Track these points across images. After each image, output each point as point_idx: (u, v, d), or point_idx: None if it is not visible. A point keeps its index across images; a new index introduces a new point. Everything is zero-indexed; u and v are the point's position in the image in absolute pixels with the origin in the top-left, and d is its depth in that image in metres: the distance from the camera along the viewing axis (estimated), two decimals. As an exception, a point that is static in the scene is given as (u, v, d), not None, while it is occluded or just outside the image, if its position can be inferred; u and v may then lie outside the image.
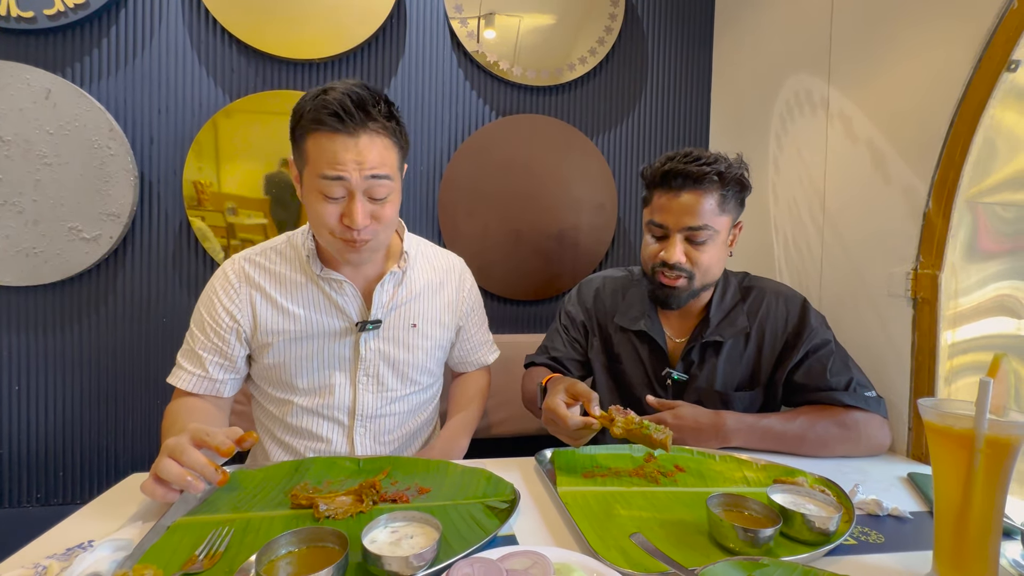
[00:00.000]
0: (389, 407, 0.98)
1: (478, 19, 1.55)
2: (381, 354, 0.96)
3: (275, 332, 0.93)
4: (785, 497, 0.67)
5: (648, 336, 1.05)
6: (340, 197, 0.83)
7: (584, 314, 1.14)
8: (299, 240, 0.96)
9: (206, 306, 0.93)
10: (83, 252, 1.37)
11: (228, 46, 1.45)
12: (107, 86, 1.40)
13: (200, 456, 0.66)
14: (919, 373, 0.98)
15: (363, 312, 0.95)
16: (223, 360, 0.92)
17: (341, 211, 0.83)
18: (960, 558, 0.55)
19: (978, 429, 0.52)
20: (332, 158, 0.80)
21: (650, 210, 1.00)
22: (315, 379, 0.95)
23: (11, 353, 1.39)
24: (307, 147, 0.83)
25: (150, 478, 0.65)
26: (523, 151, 1.60)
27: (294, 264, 0.95)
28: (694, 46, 1.71)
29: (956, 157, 0.92)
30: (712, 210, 0.94)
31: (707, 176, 0.93)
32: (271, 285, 0.93)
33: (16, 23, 1.32)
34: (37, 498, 1.42)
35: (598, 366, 1.11)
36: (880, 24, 1.08)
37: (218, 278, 0.95)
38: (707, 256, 0.96)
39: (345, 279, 0.93)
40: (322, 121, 0.80)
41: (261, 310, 0.93)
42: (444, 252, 1.10)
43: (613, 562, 0.56)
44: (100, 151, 1.36)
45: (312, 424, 0.96)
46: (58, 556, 0.55)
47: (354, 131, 0.81)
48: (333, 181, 0.81)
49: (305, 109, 0.82)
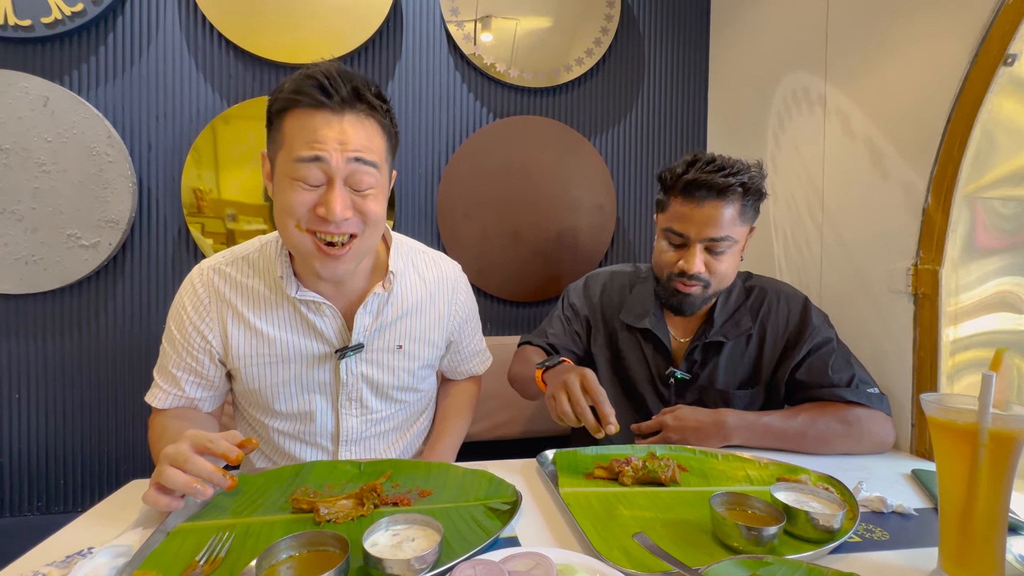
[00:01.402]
0: (373, 428, 0.92)
1: (475, 22, 1.56)
2: (364, 378, 0.88)
3: (248, 355, 0.84)
4: (789, 495, 0.67)
5: (652, 335, 1.05)
6: (317, 185, 0.72)
7: (589, 308, 1.13)
8: (273, 251, 0.85)
9: (176, 322, 0.85)
10: (82, 259, 1.37)
11: (225, 51, 1.45)
12: (105, 93, 1.40)
13: (206, 463, 0.63)
14: (921, 369, 0.97)
15: (343, 335, 0.86)
16: (198, 379, 0.86)
17: (317, 200, 0.72)
18: (966, 554, 0.55)
19: (981, 423, 0.51)
20: (311, 136, 0.69)
21: (668, 217, 0.97)
22: (294, 404, 0.88)
23: (11, 361, 1.39)
24: (283, 126, 0.72)
25: (152, 487, 0.63)
26: (521, 152, 1.60)
27: (267, 277, 0.84)
28: (690, 46, 1.72)
29: (954, 152, 0.92)
30: (733, 220, 0.93)
31: (731, 187, 0.91)
32: (242, 302, 0.84)
33: (14, 31, 1.32)
34: (38, 507, 1.41)
35: (602, 360, 1.11)
36: (876, 20, 1.08)
37: (186, 291, 0.86)
38: (724, 265, 0.96)
39: (324, 300, 0.83)
40: (303, 92, 0.69)
41: (232, 331, 0.84)
42: (437, 260, 0.99)
43: (616, 562, 0.55)
44: (98, 158, 1.36)
45: (295, 449, 0.90)
46: (57, 563, 0.55)
47: (339, 108, 0.71)
48: (310, 163, 0.70)
49: (284, 88, 0.72)
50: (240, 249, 0.89)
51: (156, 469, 0.64)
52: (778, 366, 1.01)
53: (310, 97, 0.70)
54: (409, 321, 0.92)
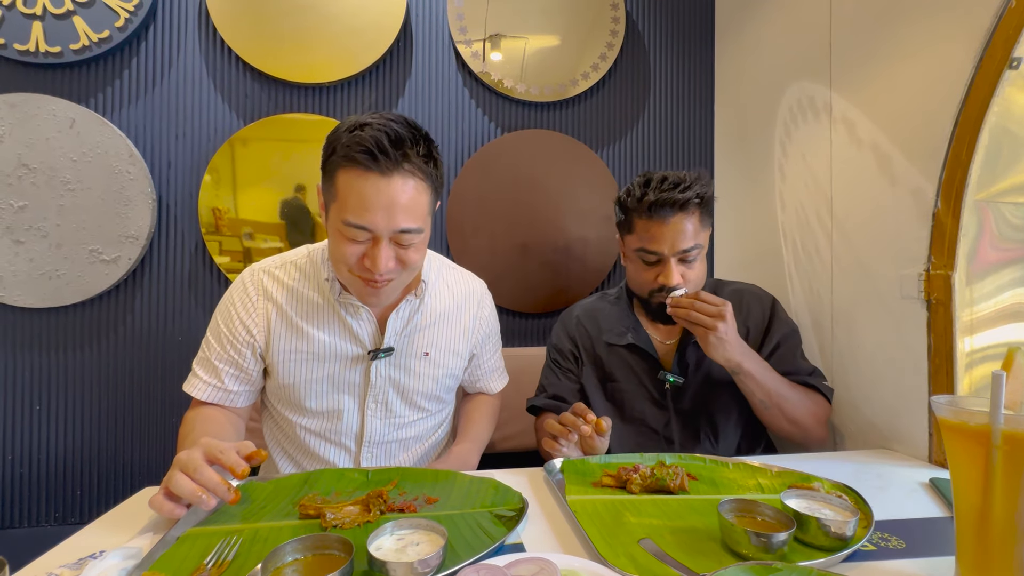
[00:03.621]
0: (396, 432, 0.97)
1: (483, 41, 1.59)
2: (391, 381, 0.94)
3: (287, 351, 0.91)
4: (800, 502, 0.65)
5: (637, 348, 1.09)
6: (364, 240, 0.79)
7: (570, 342, 1.16)
8: (319, 257, 0.93)
9: (223, 316, 0.92)
10: (103, 274, 1.41)
11: (242, 73, 1.51)
12: (128, 114, 1.46)
13: (213, 474, 0.65)
14: (936, 376, 0.95)
15: (376, 338, 0.93)
16: (238, 372, 0.91)
17: (364, 252, 0.80)
18: (984, 562, 0.53)
19: (993, 424, 0.50)
20: (360, 203, 0.76)
21: (636, 238, 1.03)
22: (324, 403, 0.93)
23: (33, 373, 1.43)
24: (337, 182, 0.78)
25: (160, 492, 0.65)
26: (529, 166, 1.62)
27: (312, 282, 0.92)
28: (695, 58, 1.74)
29: (962, 156, 0.91)
30: (696, 229, 1.01)
31: (690, 201, 0.99)
32: (288, 302, 0.91)
33: (44, 57, 1.39)
34: (55, 517, 1.43)
35: (591, 387, 1.12)
36: (878, 27, 1.09)
37: (236, 288, 0.93)
38: (696, 271, 1.04)
39: (362, 304, 0.90)
40: (354, 158, 0.75)
41: (276, 327, 0.91)
42: (465, 275, 1.06)
43: (622, 568, 0.55)
44: (120, 176, 1.41)
45: (319, 447, 0.95)
46: (69, 565, 0.56)
47: (388, 171, 0.76)
48: (358, 230, 0.77)
49: (340, 142, 0.77)
50: (290, 255, 0.97)
51: (168, 473, 0.66)
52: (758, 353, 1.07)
53: (360, 163, 0.75)
54: (437, 330, 0.98)
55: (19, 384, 1.42)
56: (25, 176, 1.37)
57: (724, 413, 1.06)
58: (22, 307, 1.39)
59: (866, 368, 1.10)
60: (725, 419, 1.06)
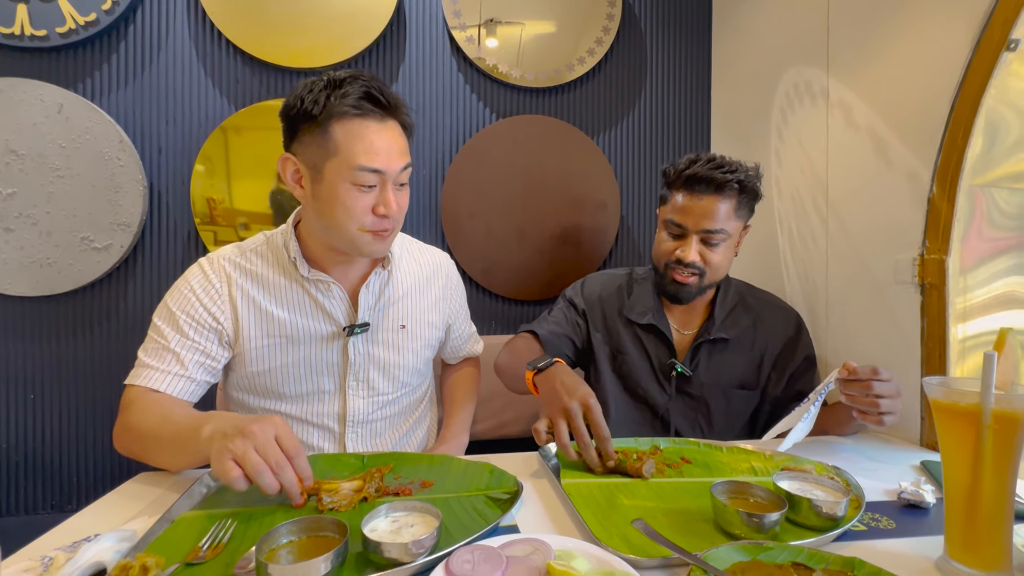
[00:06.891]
0: (380, 411, 0.96)
1: (478, 27, 1.57)
2: (371, 357, 0.93)
3: (258, 336, 0.88)
4: (792, 484, 0.66)
5: (655, 329, 1.09)
6: (374, 185, 0.81)
7: (587, 304, 1.16)
8: (279, 241, 0.90)
9: (180, 304, 0.85)
10: (95, 262, 1.40)
11: (232, 57, 1.48)
12: (117, 99, 1.44)
13: (295, 476, 0.63)
14: (930, 360, 0.96)
15: (350, 315, 0.91)
16: (205, 360, 0.85)
17: (374, 201, 0.81)
18: (972, 540, 0.54)
19: (984, 404, 0.51)
20: (369, 146, 0.79)
21: (668, 208, 1.04)
22: (302, 386, 0.91)
23: (26, 362, 1.42)
24: (335, 136, 0.78)
25: (228, 459, 0.61)
26: (524, 152, 1.60)
27: (276, 266, 0.90)
28: (692, 42, 1.72)
29: (958, 140, 0.91)
30: (728, 215, 1.00)
31: (728, 184, 0.98)
32: (254, 287, 0.88)
33: (30, 41, 1.36)
34: (52, 504, 1.44)
35: (602, 358, 1.13)
36: (876, 11, 1.08)
37: (194, 276, 0.87)
38: (718, 256, 1.02)
39: (333, 280, 0.89)
40: (358, 106, 0.78)
41: (244, 314, 0.87)
42: (429, 248, 1.08)
43: (615, 548, 0.55)
44: (110, 163, 1.39)
45: (301, 432, 0.92)
46: (64, 548, 0.56)
47: (385, 116, 0.80)
48: (371, 173, 0.79)
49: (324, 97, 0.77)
50: (246, 244, 0.93)
51: (235, 443, 0.61)
52: (773, 370, 1.07)
53: (363, 110, 0.78)
54: (410, 301, 0.98)
55: (12, 373, 1.41)
56: (13, 162, 1.34)
57: (723, 414, 1.07)
58: (14, 295, 1.38)
59: (860, 352, 1.10)
60: (724, 420, 1.07)
